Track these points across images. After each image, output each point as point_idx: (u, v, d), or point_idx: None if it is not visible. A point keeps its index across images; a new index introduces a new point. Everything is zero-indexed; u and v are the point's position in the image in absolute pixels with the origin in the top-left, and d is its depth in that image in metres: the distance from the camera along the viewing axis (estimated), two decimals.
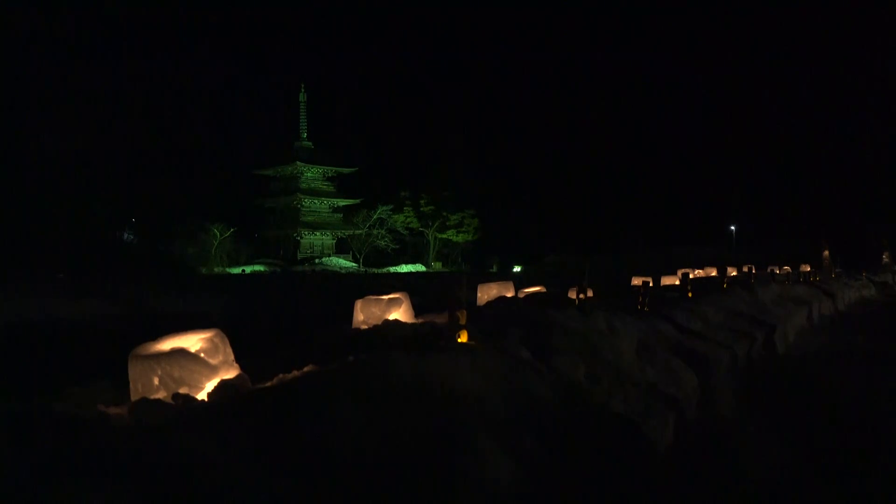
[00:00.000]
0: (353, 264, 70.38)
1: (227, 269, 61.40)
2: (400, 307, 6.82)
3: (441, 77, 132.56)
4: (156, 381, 3.65)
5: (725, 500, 4.78)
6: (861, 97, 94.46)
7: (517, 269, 66.23)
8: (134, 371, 3.70)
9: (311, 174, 74.63)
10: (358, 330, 6.50)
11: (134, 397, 3.65)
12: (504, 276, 37.26)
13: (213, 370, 3.81)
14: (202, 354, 3.81)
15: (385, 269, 66.08)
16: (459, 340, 5.21)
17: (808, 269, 24.12)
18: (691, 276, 14.75)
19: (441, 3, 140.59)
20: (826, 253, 33.79)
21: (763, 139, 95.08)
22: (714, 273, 19.77)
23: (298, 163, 72.37)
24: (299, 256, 71.85)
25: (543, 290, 9.90)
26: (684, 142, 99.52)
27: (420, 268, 69.13)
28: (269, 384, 3.93)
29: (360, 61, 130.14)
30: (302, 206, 73.45)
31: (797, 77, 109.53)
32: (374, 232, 71.99)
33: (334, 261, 70.22)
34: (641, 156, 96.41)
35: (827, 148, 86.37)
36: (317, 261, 69.36)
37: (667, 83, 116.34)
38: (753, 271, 17.35)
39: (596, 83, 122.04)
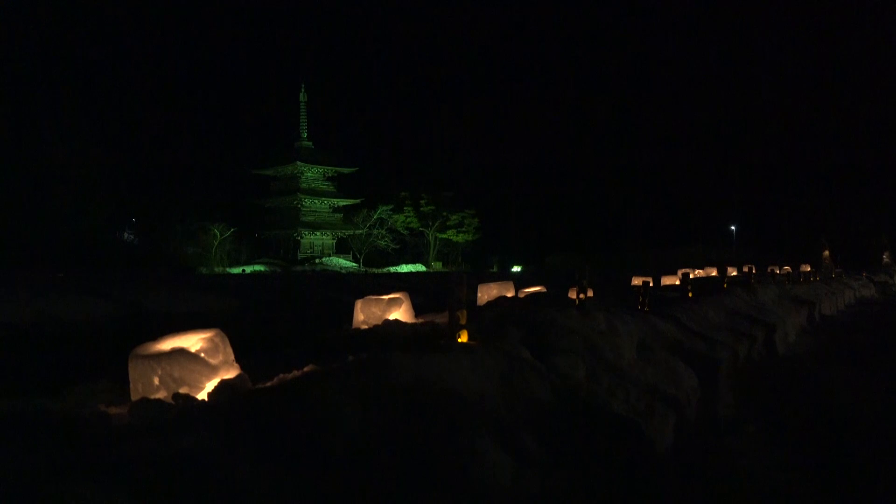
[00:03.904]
0: (354, 264, 70.31)
1: (227, 269, 61.30)
2: (400, 307, 6.82)
3: (441, 77, 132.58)
4: (156, 381, 3.64)
5: (725, 500, 4.77)
6: (861, 97, 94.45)
7: (517, 269, 66.19)
8: (134, 371, 3.69)
9: (311, 174, 74.58)
10: (358, 330, 6.50)
11: (134, 397, 3.65)
12: (504, 276, 37.24)
13: (214, 370, 3.80)
14: (202, 354, 3.81)
15: (385, 269, 65.98)
16: (459, 340, 5.21)
17: (808, 269, 24.12)
18: (691, 276, 14.76)
19: (442, 3, 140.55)
20: (826, 253, 33.81)
21: (763, 139, 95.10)
22: (714, 273, 19.80)
23: (298, 163, 72.34)
24: (299, 256, 71.81)
25: (543, 290, 9.91)
26: (685, 142, 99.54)
27: (420, 268, 69.04)
28: (269, 384, 3.92)
29: (360, 61, 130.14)
30: (302, 205, 73.40)
31: (798, 77, 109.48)
32: (375, 232, 71.95)
33: (334, 261, 70.15)
34: (642, 156, 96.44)
35: (827, 148, 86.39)
36: (317, 261, 69.29)
37: (667, 83, 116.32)
38: (753, 271, 17.35)
39: (596, 83, 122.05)
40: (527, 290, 9.67)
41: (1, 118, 57.63)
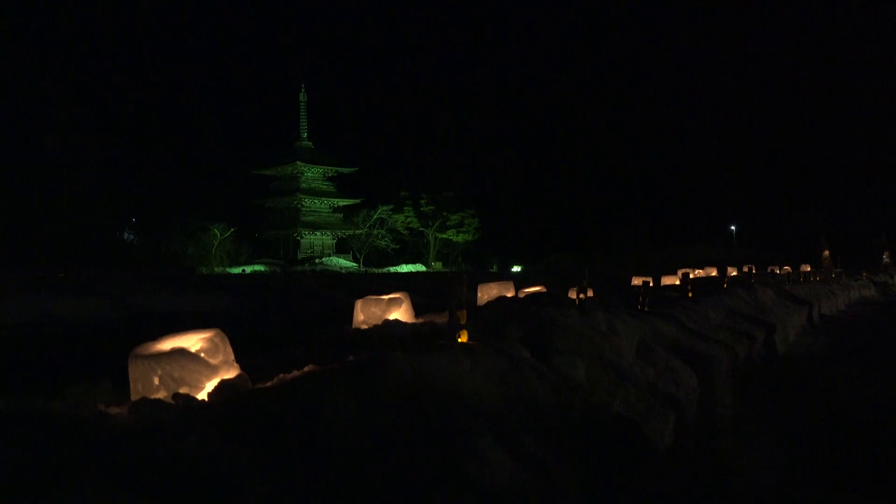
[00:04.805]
0: (354, 264, 70.34)
1: (227, 269, 61.32)
2: (400, 307, 6.82)
3: (441, 77, 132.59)
4: (156, 381, 3.64)
5: (725, 500, 4.78)
6: (861, 97, 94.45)
7: (517, 269, 66.20)
8: (134, 371, 3.69)
9: (311, 174, 74.63)
10: (358, 330, 6.50)
11: (134, 397, 3.65)
12: (504, 276, 37.25)
13: (214, 370, 3.80)
14: (202, 354, 3.81)
15: (385, 269, 66.05)
16: (459, 340, 5.21)
17: (808, 269, 24.12)
18: (691, 276, 14.76)
19: (442, 4, 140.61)
20: (826, 253, 33.80)
21: (763, 139, 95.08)
22: (714, 273, 19.79)
23: (298, 162, 72.38)
24: (299, 256, 71.84)
25: (543, 290, 9.89)
26: (685, 142, 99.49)
27: (420, 268, 69.07)
28: (269, 384, 3.92)
29: (360, 61, 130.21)
30: (302, 205, 73.45)
31: (797, 77, 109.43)
32: (375, 232, 72.00)
33: (334, 261, 70.17)
34: (642, 156, 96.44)
35: (827, 148, 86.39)
36: (317, 261, 69.31)
37: (667, 83, 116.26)
38: (753, 271, 17.35)
39: (596, 83, 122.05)
40: (527, 290, 9.66)
41: (1, 118, 57.62)
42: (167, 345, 3.79)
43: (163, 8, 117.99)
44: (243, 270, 60.77)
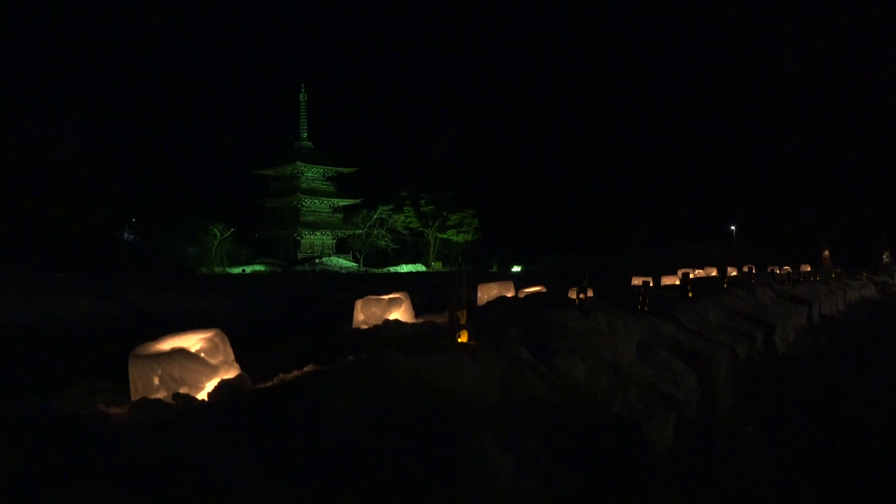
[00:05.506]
0: (354, 264, 70.42)
1: (227, 269, 61.38)
2: (400, 307, 6.81)
3: (441, 77, 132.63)
4: (156, 381, 3.64)
5: (725, 500, 4.78)
6: (861, 97, 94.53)
7: (517, 269, 66.20)
8: (134, 371, 3.69)
9: (311, 174, 74.71)
10: (358, 330, 6.50)
11: (134, 397, 3.65)
12: (504, 276, 37.24)
13: (214, 370, 3.80)
14: (202, 354, 3.81)
15: (385, 269, 66.12)
16: (459, 340, 5.21)
17: (808, 269, 24.11)
18: (691, 276, 14.75)
19: (441, 3, 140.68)
20: (826, 253, 33.79)
21: (764, 139, 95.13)
22: (714, 273, 19.78)
23: (298, 162, 72.46)
24: (299, 256, 71.94)
25: (543, 290, 9.89)
26: (685, 141, 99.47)
27: (420, 268, 69.13)
28: (269, 384, 3.92)
29: (359, 61, 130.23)
30: (302, 205, 73.53)
31: (797, 76, 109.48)
32: (375, 232, 72.09)
33: (334, 261, 70.26)
34: (642, 155, 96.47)
35: (827, 148, 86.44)
36: (317, 261, 69.42)
37: (667, 83, 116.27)
38: (753, 271, 17.36)
39: (596, 82, 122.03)
40: (527, 290, 9.66)
41: (1, 118, 57.64)
42: (167, 345, 3.79)
43: (163, 7, 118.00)
44: (243, 270, 60.82)
